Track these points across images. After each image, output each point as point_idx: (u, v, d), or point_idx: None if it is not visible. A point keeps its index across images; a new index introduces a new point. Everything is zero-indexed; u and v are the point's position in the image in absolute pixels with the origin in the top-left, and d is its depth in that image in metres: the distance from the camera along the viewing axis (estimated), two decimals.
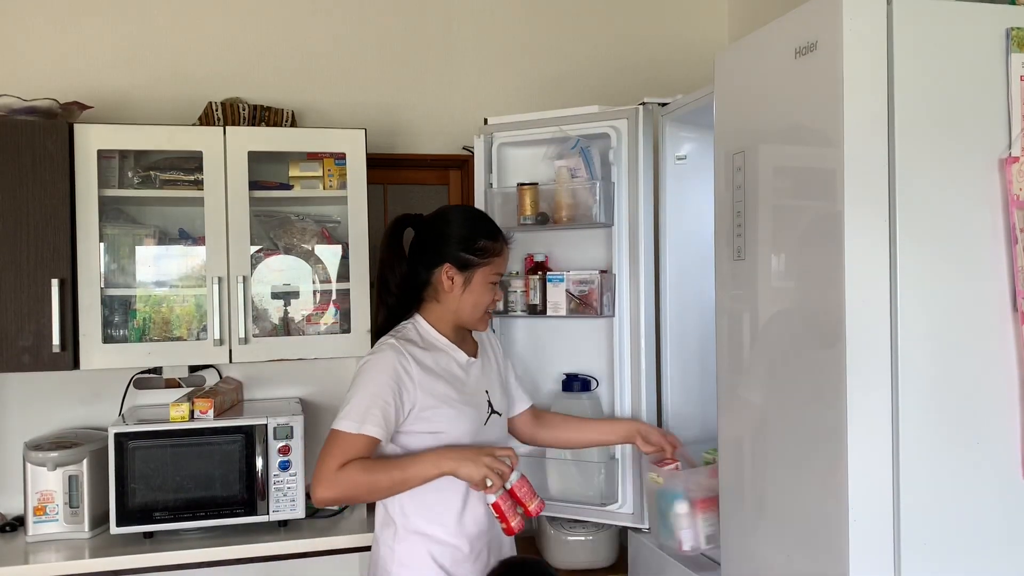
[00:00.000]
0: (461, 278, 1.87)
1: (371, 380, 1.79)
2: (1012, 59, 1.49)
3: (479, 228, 1.90)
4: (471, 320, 1.92)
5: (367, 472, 1.74)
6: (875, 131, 1.45)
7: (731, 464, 1.83)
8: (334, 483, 1.73)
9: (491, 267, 1.89)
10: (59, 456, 2.44)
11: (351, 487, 1.74)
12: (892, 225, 1.45)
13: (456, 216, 1.94)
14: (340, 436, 1.75)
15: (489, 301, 1.91)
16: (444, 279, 1.87)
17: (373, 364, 1.81)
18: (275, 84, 2.91)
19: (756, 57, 1.71)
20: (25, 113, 2.41)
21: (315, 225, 2.79)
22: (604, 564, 2.63)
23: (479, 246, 1.87)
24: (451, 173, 3.17)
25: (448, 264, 1.86)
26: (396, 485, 1.77)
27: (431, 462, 1.75)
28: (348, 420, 1.76)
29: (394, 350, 1.82)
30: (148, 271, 2.61)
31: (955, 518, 1.47)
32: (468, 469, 1.73)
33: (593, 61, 3.20)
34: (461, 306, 1.89)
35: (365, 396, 1.77)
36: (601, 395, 2.47)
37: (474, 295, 1.88)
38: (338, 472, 1.73)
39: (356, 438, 1.75)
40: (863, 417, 1.44)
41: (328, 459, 1.75)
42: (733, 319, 1.82)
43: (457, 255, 1.86)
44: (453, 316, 1.91)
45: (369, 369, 1.81)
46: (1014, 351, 1.49)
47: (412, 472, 1.76)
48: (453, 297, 1.89)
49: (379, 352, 1.83)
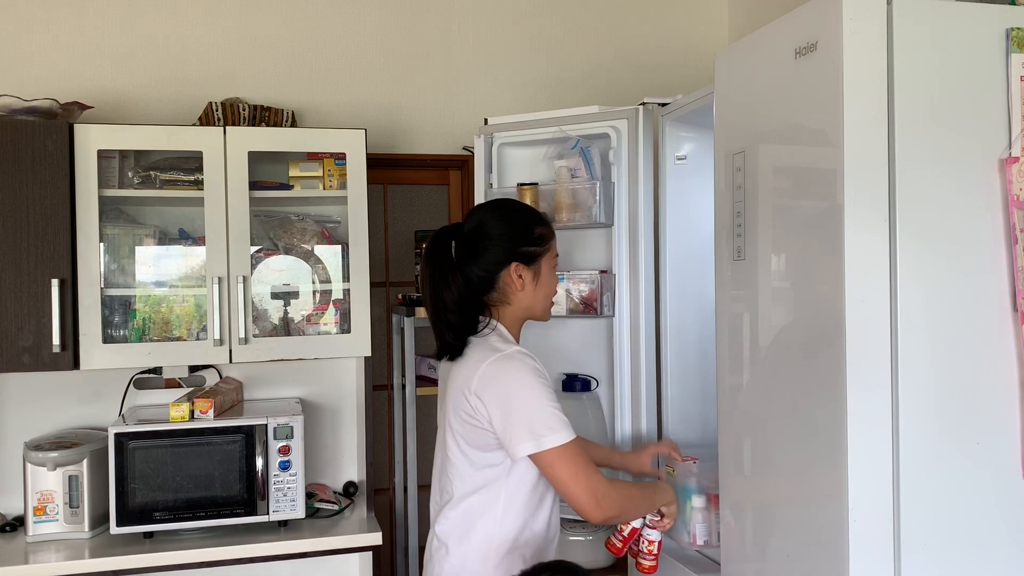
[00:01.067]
0: (530, 273, 1.77)
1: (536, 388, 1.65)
2: (1012, 59, 1.49)
3: (529, 217, 1.81)
4: (543, 310, 1.83)
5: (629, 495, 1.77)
6: (875, 131, 1.45)
7: (731, 464, 1.83)
8: (615, 502, 1.67)
9: (551, 251, 1.82)
10: (59, 456, 2.44)
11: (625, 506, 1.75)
12: (892, 225, 1.45)
13: (501, 213, 1.82)
14: (571, 449, 1.62)
15: (556, 285, 1.85)
16: (514, 279, 1.76)
17: (528, 371, 1.67)
18: (275, 84, 2.91)
19: (756, 57, 1.71)
20: (25, 113, 2.41)
21: (315, 225, 2.79)
22: (604, 564, 2.63)
23: (536, 234, 1.78)
24: (451, 173, 3.17)
25: (515, 263, 1.75)
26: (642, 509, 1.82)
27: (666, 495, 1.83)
28: (564, 431, 1.63)
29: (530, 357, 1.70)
30: (148, 271, 2.61)
31: (955, 518, 1.47)
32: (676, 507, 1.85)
33: (593, 61, 3.20)
34: (535, 301, 1.80)
35: (550, 403, 1.65)
36: (601, 395, 2.47)
37: (545, 285, 1.80)
38: (614, 488, 1.68)
39: (576, 443, 1.64)
40: (863, 417, 1.44)
41: (588, 475, 1.63)
42: (733, 319, 1.82)
43: (521, 251, 1.76)
44: (525, 313, 1.81)
45: (528, 376, 1.66)
46: (1014, 351, 1.49)
47: (657, 501, 1.82)
48: (526, 295, 1.78)
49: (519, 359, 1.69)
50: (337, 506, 2.69)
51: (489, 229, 1.78)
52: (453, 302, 1.73)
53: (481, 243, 1.77)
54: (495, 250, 1.76)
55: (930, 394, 1.46)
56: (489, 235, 1.77)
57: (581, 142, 2.40)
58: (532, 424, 1.63)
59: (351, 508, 2.73)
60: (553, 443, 1.62)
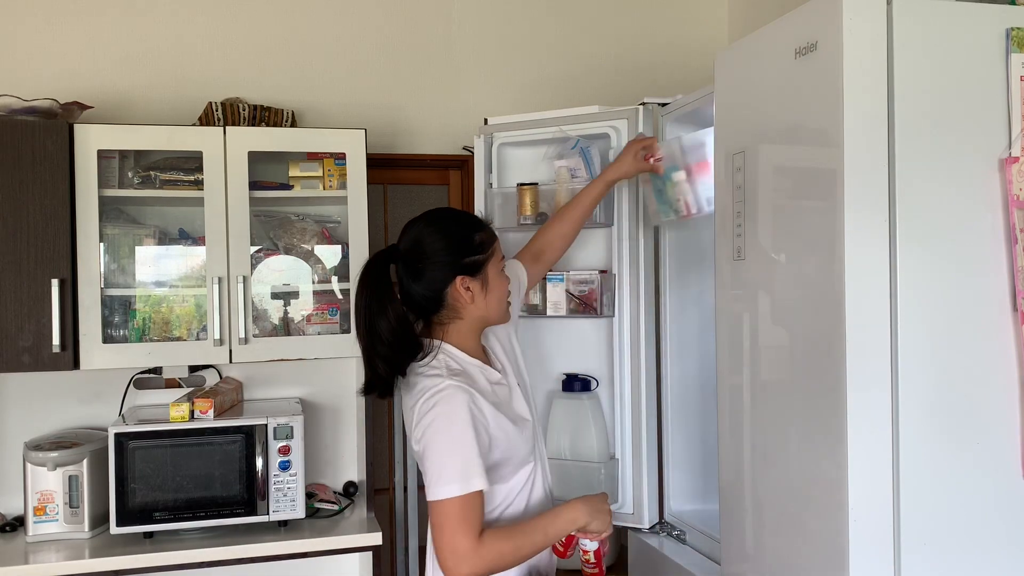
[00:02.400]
0: (478, 283, 1.70)
1: (455, 431, 1.58)
2: (1012, 59, 1.49)
3: (466, 226, 1.73)
4: (499, 315, 1.77)
5: (510, 540, 1.61)
6: (875, 131, 1.45)
7: (731, 463, 1.83)
8: (477, 560, 1.55)
9: (496, 254, 1.74)
10: (59, 456, 2.44)
11: (497, 560, 1.59)
12: (892, 225, 1.45)
13: (437, 227, 1.73)
14: (452, 505, 1.55)
15: (507, 286, 1.78)
16: (461, 293, 1.69)
17: (447, 413, 1.59)
18: (275, 84, 2.91)
19: (756, 57, 1.71)
20: (25, 113, 2.41)
21: (315, 225, 2.79)
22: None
23: (475, 241, 1.70)
24: (451, 173, 3.17)
25: (460, 276, 1.68)
26: (536, 549, 1.66)
27: (567, 520, 1.67)
28: (452, 483, 1.56)
29: (460, 390, 1.61)
30: (148, 271, 2.61)
31: (955, 517, 1.47)
32: (600, 523, 1.68)
33: (593, 61, 3.20)
34: (488, 309, 1.74)
35: (456, 450, 1.58)
36: (601, 395, 2.47)
37: (496, 290, 1.74)
38: (480, 547, 1.55)
39: (469, 498, 1.56)
40: (863, 417, 1.44)
41: (457, 535, 1.55)
42: (733, 319, 1.82)
43: (463, 263, 1.69)
44: (480, 323, 1.76)
45: (446, 420, 1.59)
46: (1014, 351, 1.49)
47: (552, 533, 1.66)
48: (477, 306, 1.72)
49: (444, 397, 1.60)
50: (337, 506, 2.69)
51: (426, 246, 1.70)
52: (389, 332, 1.64)
53: (420, 263, 1.69)
54: (436, 268, 1.68)
55: (930, 394, 1.46)
56: (427, 253, 1.69)
57: (581, 142, 2.41)
58: (429, 472, 1.59)
59: (351, 508, 2.73)
60: (434, 495, 1.57)
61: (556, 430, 2.46)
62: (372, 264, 1.70)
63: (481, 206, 2.56)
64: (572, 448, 2.43)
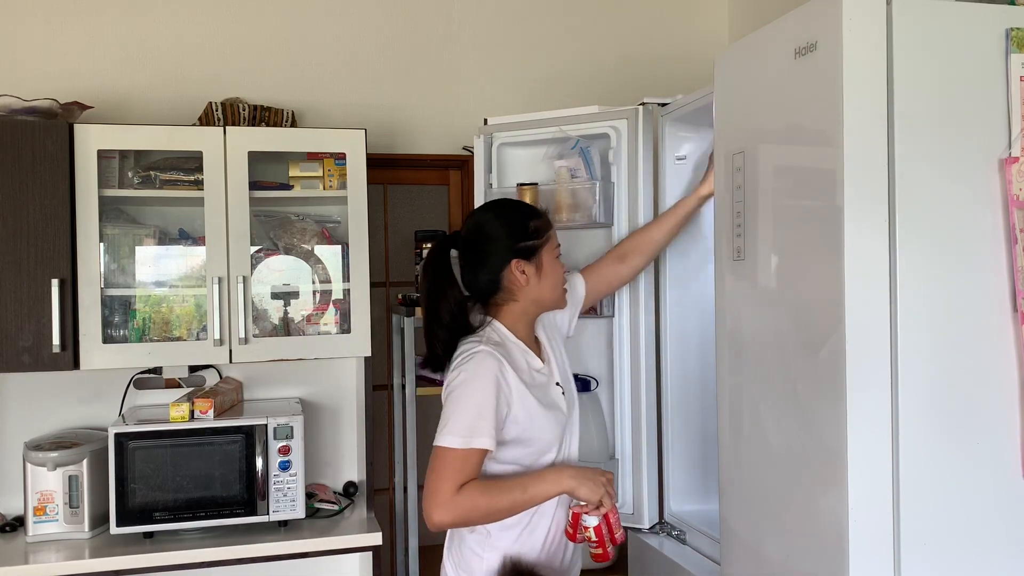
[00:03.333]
0: (532, 267, 1.80)
1: (475, 389, 1.69)
2: (1012, 59, 1.49)
3: (522, 213, 1.85)
4: (555, 300, 1.86)
5: (487, 494, 1.66)
6: (875, 131, 1.45)
7: (731, 463, 1.83)
8: (452, 507, 1.63)
9: (551, 242, 1.84)
10: (59, 456, 2.44)
11: (470, 510, 1.65)
12: (892, 225, 1.45)
13: (495, 214, 1.86)
14: (450, 454, 1.65)
15: (561, 276, 1.86)
16: (517, 275, 1.79)
17: (473, 373, 1.70)
18: (275, 84, 2.91)
19: (756, 57, 1.71)
20: (25, 113, 2.41)
21: (315, 225, 2.79)
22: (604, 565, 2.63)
23: (532, 228, 1.81)
24: (451, 173, 3.17)
25: (515, 260, 1.78)
26: (516, 506, 1.70)
27: (551, 481, 1.70)
28: (455, 435, 1.66)
29: (491, 356, 1.71)
30: (148, 271, 2.61)
31: (955, 518, 1.47)
32: (588, 490, 1.69)
33: (593, 61, 3.20)
34: (542, 292, 1.82)
35: (470, 406, 1.68)
36: (601, 395, 2.47)
37: (550, 275, 1.82)
38: (456, 495, 1.63)
39: (468, 453, 1.65)
40: (863, 416, 1.44)
41: (443, 480, 1.64)
42: (733, 319, 1.82)
43: (519, 247, 1.79)
44: (535, 307, 1.84)
45: (470, 378, 1.70)
46: (1014, 351, 1.49)
47: (533, 492, 1.69)
48: (531, 289, 1.81)
49: (475, 360, 1.71)
50: (337, 506, 2.69)
51: (485, 232, 1.82)
52: (449, 315, 1.78)
53: (480, 247, 1.81)
54: (494, 252, 1.80)
55: (930, 394, 1.46)
56: (486, 238, 1.81)
57: (581, 142, 2.40)
58: (442, 421, 1.69)
59: (351, 508, 2.73)
60: (443, 442, 1.66)
61: None
62: (435, 251, 1.83)
63: None
64: None
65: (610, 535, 1.76)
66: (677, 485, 2.36)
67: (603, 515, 1.73)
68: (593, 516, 1.72)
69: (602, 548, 1.75)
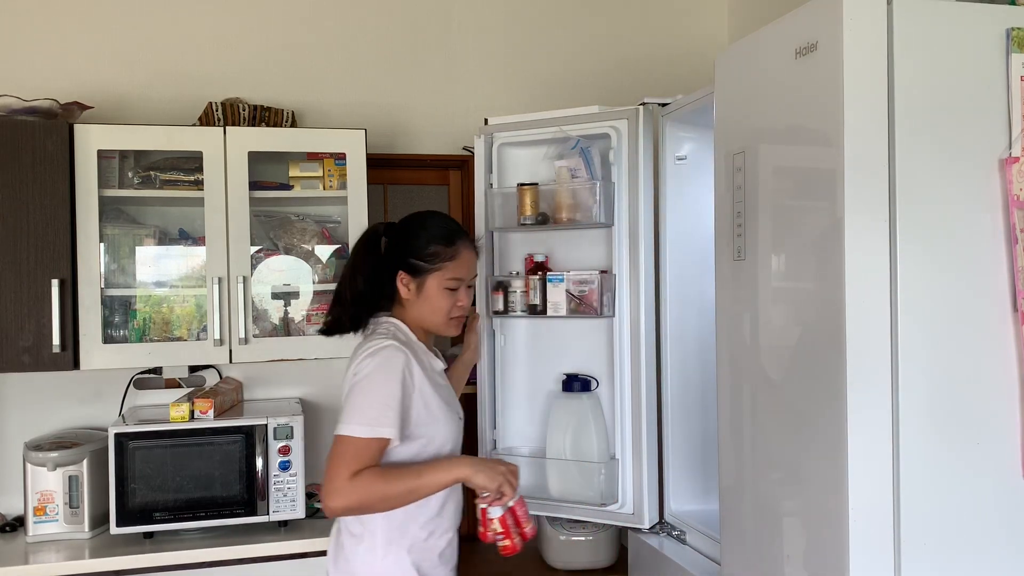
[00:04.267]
0: (414, 284, 1.87)
1: (383, 381, 1.75)
2: (1012, 59, 1.49)
3: (432, 233, 1.88)
4: (434, 325, 1.91)
5: (382, 480, 1.69)
6: (875, 131, 1.45)
7: (731, 464, 1.83)
8: (347, 493, 1.67)
9: (444, 272, 1.86)
10: (59, 456, 2.44)
11: (365, 497, 1.69)
12: (892, 225, 1.45)
13: (414, 222, 1.92)
14: (350, 442, 1.70)
15: (448, 306, 1.89)
16: (400, 285, 1.88)
17: (381, 365, 1.76)
18: (275, 84, 2.91)
19: (756, 57, 1.71)
20: (25, 113, 2.41)
21: (315, 225, 2.79)
22: (604, 564, 2.63)
23: (430, 252, 1.85)
24: (451, 173, 3.17)
25: (401, 271, 1.87)
26: (411, 493, 1.72)
27: (446, 468, 1.73)
28: (360, 424, 1.71)
29: (400, 351, 1.79)
30: (148, 271, 2.61)
31: (955, 518, 1.47)
32: (485, 478, 1.72)
33: (593, 61, 3.20)
34: (421, 313, 1.90)
35: (378, 397, 1.73)
36: (601, 395, 2.47)
37: (430, 301, 1.87)
38: (351, 481, 1.67)
39: (368, 443, 1.70)
40: (863, 417, 1.44)
41: (340, 467, 1.69)
42: (733, 319, 1.82)
43: (408, 261, 1.86)
44: (417, 322, 1.91)
45: (377, 371, 1.76)
46: (1014, 351, 1.49)
47: (427, 479, 1.72)
48: (411, 303, 1.89)
49: (384, 353, 1.78)
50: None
51: (399, 233, 1.91)
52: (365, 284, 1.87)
53: (391, 244, 1.91)
54: (392, 255, 1.89)
55: (930, 394, 1.46)
56: (396, 239, 1.90)
57: (581, 142, 2.40)
58: (346, 410, 1.74)
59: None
60: (344, 430, 1.71)
61: (556, 430, 2.46)
62: (370, 232, 1.94)
63: (481, 206, 2.56)
64: (572, 448, 2.43)
65: (517, 527, 1.77)
66: (677, 485, 2.36)
67: (508, 507, 1.74)
68: (497, 507, 1.74)
69: (509, 540, 1.76)
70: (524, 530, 1.79)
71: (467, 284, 1.91)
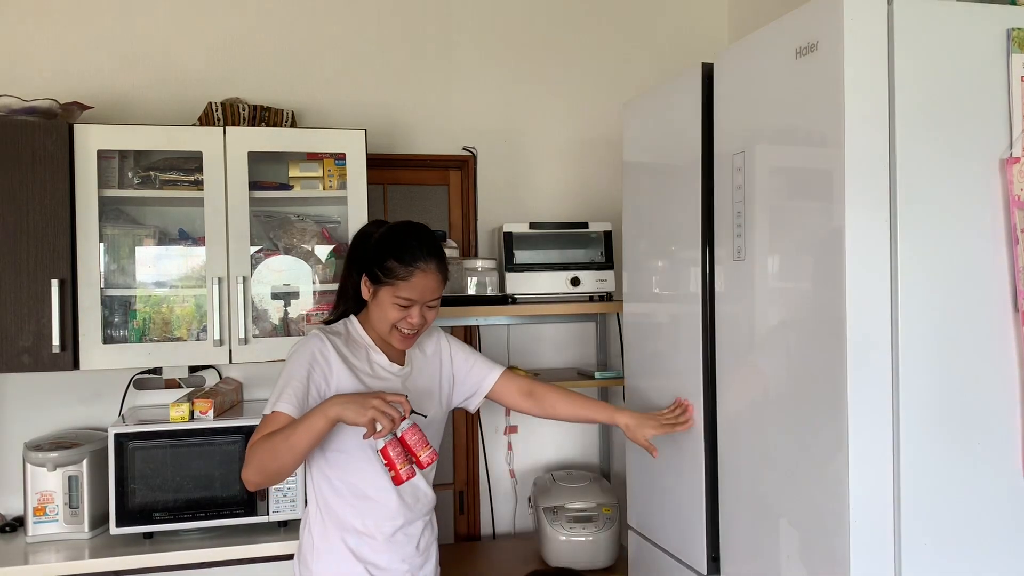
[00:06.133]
0: (371, 290, 1.92)
1: (291, 364, 1.85)
2: (1013, 59, 1.49)
3: (396, 250, 1.88)
4: (382, 332, 1.92)
5: (266, 438, 1.74)
6: (875, 131, 1.45)
7: (731, 464, 1.83)
8: (249, 455, 1.74)
9: (395, 289, 1.87)
10: (59, 456, 2.44)
11: (257, 457, 1.73)
12: (892, 225, 1.45)
13: (387, 231, 1.95)
14: (263, 420, 1.79)
15: (394, 319, 1.88)
16: (363, 286, 1.94)
17: (294, 351, 1.89)
18: (275, 84, 2.91)
19: (756, 57, 1.71)
20: (25, 113, 2.41)
21: (315, 225, 2.79)
22: (604, 564, 2.63)
23: (386, 265, 1.88)
24: (451, 173, 3.17)
25: (365, 274, 1.93)
26: (293, 445, 1.70)
27: (318, 411, 1.71)
28: (270, 404, 1.80)
29: (316, 337, 1.89)
30: (148, 271, 2.61)
31: (955, 518, 1.47)
32: (353, 412, 1.67)
33: (593, 61, 3.20)
34: (373, 316, 1.93)
35: (284, 378, 1.83)
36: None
37: (380, 309, 1.90)
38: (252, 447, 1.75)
39: (272, 417, 1.78)
40: (863, 417, 1.44)
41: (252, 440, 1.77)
42: (733, 319, 1.81)
43: (369, 267, 1.91)
44: (372, 324, 1.96)
45: (291, 356, 1.88)
46: (1014, 351, 1.49)
47: (302, 426, 1.71)
48: (370, 305, 1.94)
49: (301, 340, 1.92)
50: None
51: (372, 237, 1.96)
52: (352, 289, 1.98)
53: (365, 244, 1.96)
54: (361, 256, 1.95)
55: (931, 394, 1.46)
56: (369, 242, 1.94)
57: None
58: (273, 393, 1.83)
59: None
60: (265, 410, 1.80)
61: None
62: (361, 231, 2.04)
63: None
64: None
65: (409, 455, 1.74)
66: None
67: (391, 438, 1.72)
68: (378, 439, 1.71)
69: (394, 471, 1.74)
70: (420, 457, 1.76)
71: (425, 304, 1.89)
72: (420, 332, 1.94)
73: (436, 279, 1.90)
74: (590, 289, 2.84)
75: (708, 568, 1.95)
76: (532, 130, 3.15)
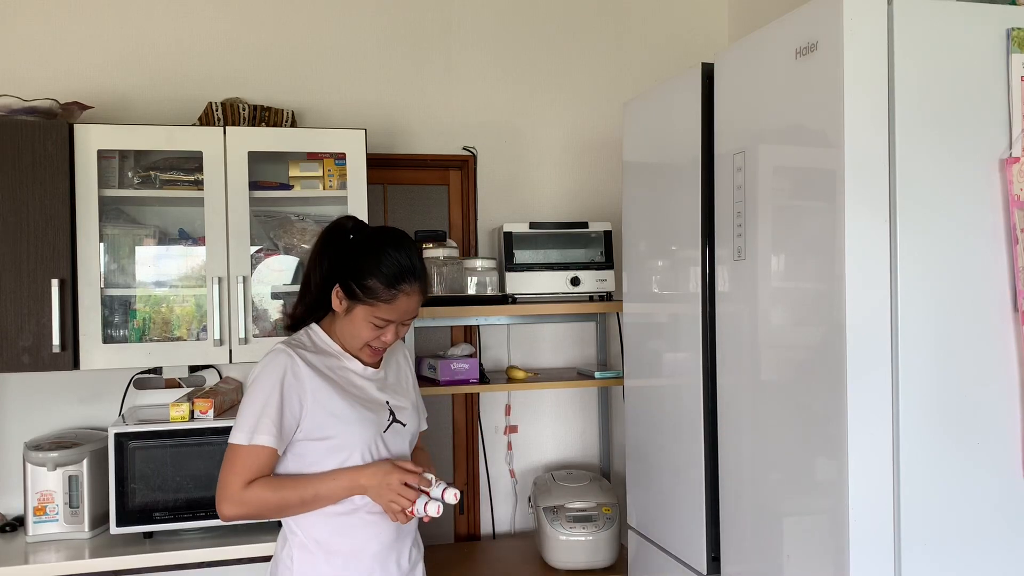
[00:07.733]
0: (345, 304, 1.78)
1: (262, 388, 1.73)
2: (1012, 59, 1.49)
3: (380, 269, 1.75)
4: (352, 348, 1.83)
5: (276, 490, 1.70)
6: (875, 131, 1.45)
7: (731, 464, 1.83)
8: (241, 502, 1.70)
9: (375, 310, 1.75)
10: (59, 456, 2.44)
11: (259, 506, 1.70)
12: (893, 225, 1.45)
13: (373, 244, 1.79)
14: (236, 450, 1.72)
15: (368, 338, 1.79)
16: (334, 297, 1.80)
17: (262, 371, 1.76)
18: (275, 84, 2.91)
19: (756, 57, 1.71)
20: (25, 113, 2.41)
21: (315, 225, 2.79)
22: (604, 564, 2.63)
23: (367, 284, 1.74)
24: (451, 173, 3.17)
25: (338, 285, 1.78)
26: (308, 503, 1.72)
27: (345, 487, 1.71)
28: (241, 432, 1.72)
29: (283, 354, 1.76)
30: (148, 271, 2.61)
31: (955, 518, 1.47)
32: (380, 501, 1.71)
33: (593, 61, 3.20)
34: (343, 329, 1.81)
35: (256, 404, 1.72)
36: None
37: (353, 326, 1.79)
38: (244, 491, 1.69)
39: (251, 450, 1.71)
40: (863, 417, 1.44)
41: (230, 475, 1.71)
42: (733, 319, 1.81)
43: (346, 280, 1.77)
44: (340, 336, 1.84)
45: (259, 376, 1.75)
46: (1014, 351, 1.49)
47: (325, 493, 1.71)
48: (339, 317, 1.82)
49: (268, 357, 1.77)
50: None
51: (355, 244, 1.80)
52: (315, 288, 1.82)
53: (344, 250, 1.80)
54: (338, 262, 1.80)
55: (931, 394, 1.47)
56: (350, 249, 1.80)
57: None
58: (237, 416, 1.75)
59: None
60: (231, 437, 1.74)
61: None
62: (334, 227, 1.85)
63: None
64: None
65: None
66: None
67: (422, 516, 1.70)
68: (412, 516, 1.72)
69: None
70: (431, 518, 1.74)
71: (401, 323, 1.81)
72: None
73: (419, 299, 1.80)
74: (590, 289, 2.84)
75: (708, 568, 1.95)
76: (532, 130, 3.15)
